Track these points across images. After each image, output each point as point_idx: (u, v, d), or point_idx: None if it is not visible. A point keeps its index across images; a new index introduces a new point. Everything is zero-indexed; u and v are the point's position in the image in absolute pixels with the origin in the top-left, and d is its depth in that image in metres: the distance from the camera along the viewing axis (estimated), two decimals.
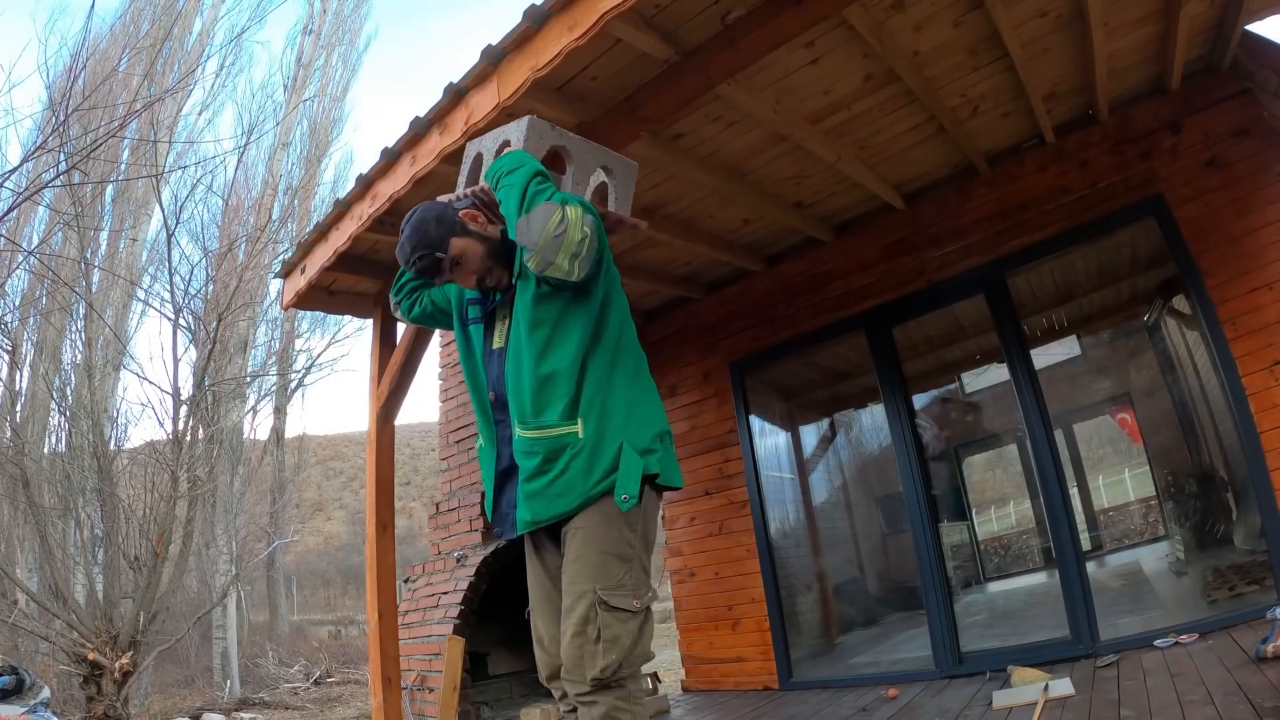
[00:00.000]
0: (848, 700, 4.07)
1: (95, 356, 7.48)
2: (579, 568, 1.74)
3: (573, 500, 1.75)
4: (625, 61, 2.94)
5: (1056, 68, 3.67)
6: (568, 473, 1.75)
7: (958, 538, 9.60)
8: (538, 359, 1.79)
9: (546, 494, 1.76)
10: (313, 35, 17.39)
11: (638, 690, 1.77)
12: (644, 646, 1.76)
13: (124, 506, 6.75)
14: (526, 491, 1.79)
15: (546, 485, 1.76)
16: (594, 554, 1.73)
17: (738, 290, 5.52)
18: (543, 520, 1.79)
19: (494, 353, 1.95)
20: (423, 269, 1.92)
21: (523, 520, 1.81)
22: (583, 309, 1.83)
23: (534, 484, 1.78)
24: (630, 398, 1.85)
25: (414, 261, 1.92)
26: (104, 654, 5.89)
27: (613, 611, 1.70)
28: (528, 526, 1.82)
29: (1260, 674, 2.67)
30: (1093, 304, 6.86)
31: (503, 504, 1.90)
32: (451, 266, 1.92)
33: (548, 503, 1.77)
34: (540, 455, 1.76)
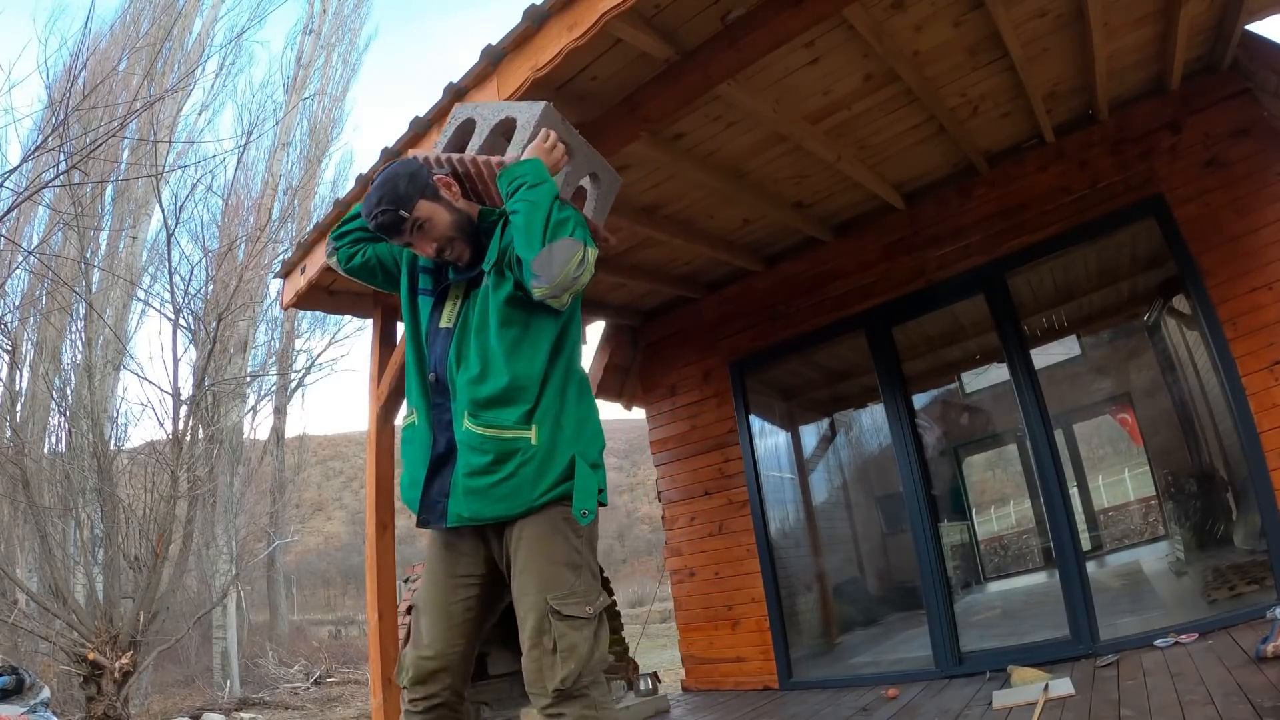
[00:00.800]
0: (848, 700, 4.07)
1: (95, 356, 7.48)
2: (527, 579, 1.70)
3: (517, 506, 1.70)
4: (625, 61, 2.94)
5: (1056, 68, 3.67)
6: (516, 477, 1.70)
7: (958, 538, 9.61)
8: (507, 359, 1.75)
9: (490, 494, 1.70)
10: (313, 35, 17.39)
11: (602, 696, 1.73)
12: (602, 652, 1.73)
13: (124, 506, 6.76)
14: (467, 487, 1.71)
15: (492, 485, 1.70)
16: (543, 564, 1.70)
17: (738, 290, 5.52)
18: (480, 519, 1.72)
19: (440, 331, 1.86)
20: (383, 224, 1.82)
21: (455, 514, 1.73)
22: (551, 320, 1.83)
23: (477, 481, 1.70)
24: (580, 413, 1.84)
25: (376, 215, 1.81)
26: (104, 654, 5.89)
27: (566, 620, 1.67)
28: (459, 521, 1.73)
29: (1260, 674, 2.67)
30: (1093, 304, 6.86)
31: (433, 491, 1.78)
32: (413, 229, 1.82)
33: (489, 503, 1.71)
34: (491, 454, 1.70)
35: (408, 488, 1.83)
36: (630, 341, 6.13)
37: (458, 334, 1.83)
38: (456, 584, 1.81)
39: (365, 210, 1.85)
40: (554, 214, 1.72)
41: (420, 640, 1.78)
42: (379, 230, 1.85)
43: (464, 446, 1.73)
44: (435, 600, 1.81)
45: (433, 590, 1.82)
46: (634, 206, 4.25)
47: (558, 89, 3.04)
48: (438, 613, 1.79)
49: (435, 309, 1.90)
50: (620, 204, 4.19)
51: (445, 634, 1.78)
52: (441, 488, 1.77)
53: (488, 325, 1.78)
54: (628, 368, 6.15)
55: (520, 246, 1.71)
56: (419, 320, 1.92)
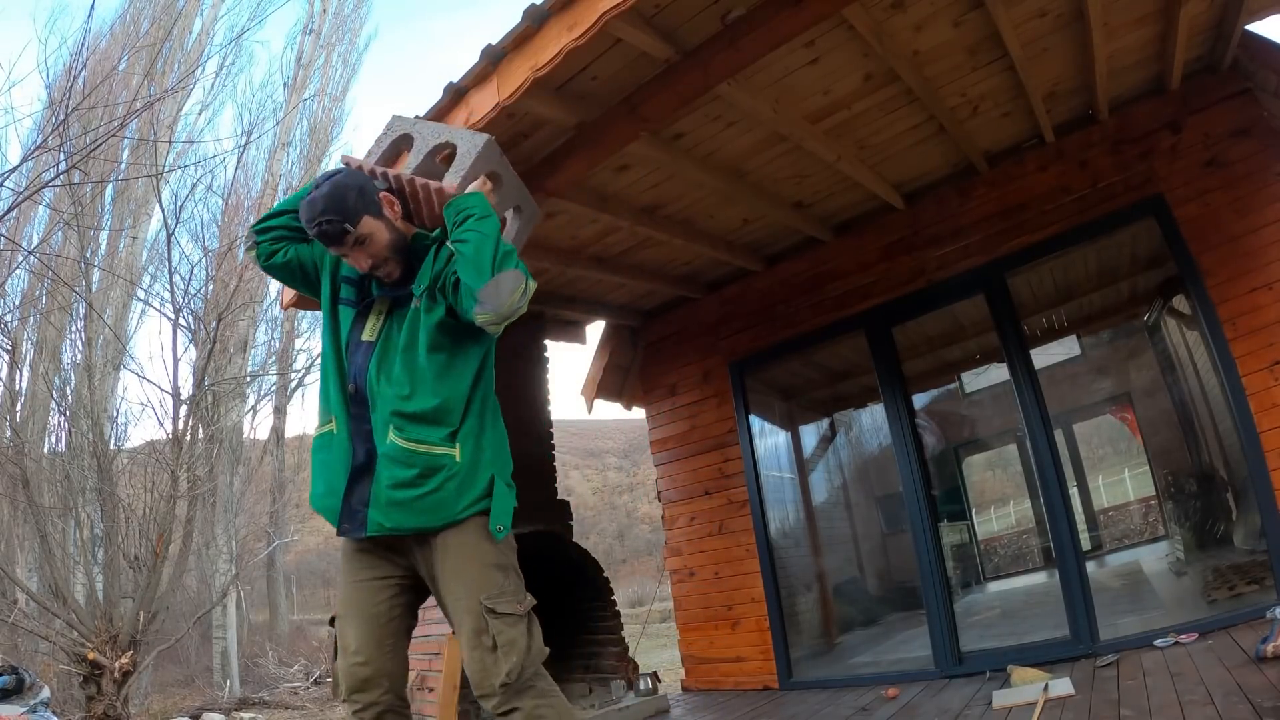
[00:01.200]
0: (847, 700, 4.07)
1: (95, 356, 7.49)
2: (459, 584, 1.78)
3: (439, 519, 1.78)
4: (625, 61, 2.94)
5: (1056, 67, 3.67)
6: (441, 492, 1.77)
7: (958, 537, 9.61)
8: (436, 381, 1.83)
9: (414, 507, 1.77)
10: (313, 35, 17.38)
11: (548, 686, 1.82)
12: (539, 645, 1.83)
13: (124, 506, 6.75)
14: (390, 498, 1.76)
15: (416, 499, 1.76)
16: (473, 568, 1.79)
17: (738, 290, 5.52)
18: (402, 530, 1.78)
19: (361, 344, 1.90)
20: (325, 233, 1.83)
21: (377, 523, 1.77)
22: (476, 347, 1.92)
23: (401, 494, 1.76)
24: (496, 435, 1.95)
25: (320, 223, 1.82)
26: (104, 654, 5.89)
27: (501, 617, 1.75)
28: (381, 531, 1.78)
29: (1260, 674, 2.67)
30: (1093, 304, 6.86)
31: (353, 500, 1.81)
32: (353, 243, 1.86)
33: (413, 515, 1.77)
34: (417, 469, 1.77)
35: (323, 496, 1.84)
36: (630, 341, 6.13)
37: (380, 348, 1.87)
38: (379, 587, 1.84)
39: (307, 215, 1.85)
40: (500, 246, 1.80)
41: (349, 648, 1.80)
42: (319, 238, 1.85)
43: (387, 459, 1.78)
44: (359, 606, 1.83)
45: (356, 596, 1.84)
46: (634, 206, 4.25)
47: (557, 89, 3.04)
48: (363, 618, 1.82)
49: (358, 321, 1.94)
50: (620, 204, 4.20)
51: (374, 638, 1.81)
52: (361, 497, 1.79)
53: (416, 346, 1.84)
54: (628, 368, 6.15)
55: (468, 275, 1.76)
56: (339, 330, 1.94)
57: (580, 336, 6.18)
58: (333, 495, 1.82)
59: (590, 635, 5.17)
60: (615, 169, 3.86)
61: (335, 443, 1.84)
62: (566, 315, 5.81)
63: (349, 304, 1.96)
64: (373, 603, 1.84)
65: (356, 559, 1.86)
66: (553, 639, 5.81)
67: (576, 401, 6.49)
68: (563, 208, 4.07)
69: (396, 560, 1.86)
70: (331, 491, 1.82)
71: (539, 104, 3.03)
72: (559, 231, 4.43)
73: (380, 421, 1.81)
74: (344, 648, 1.82)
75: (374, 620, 1.83)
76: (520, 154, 3.53)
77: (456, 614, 1.79)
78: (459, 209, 1.85)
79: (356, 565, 1.86)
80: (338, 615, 1.85)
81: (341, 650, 1.82)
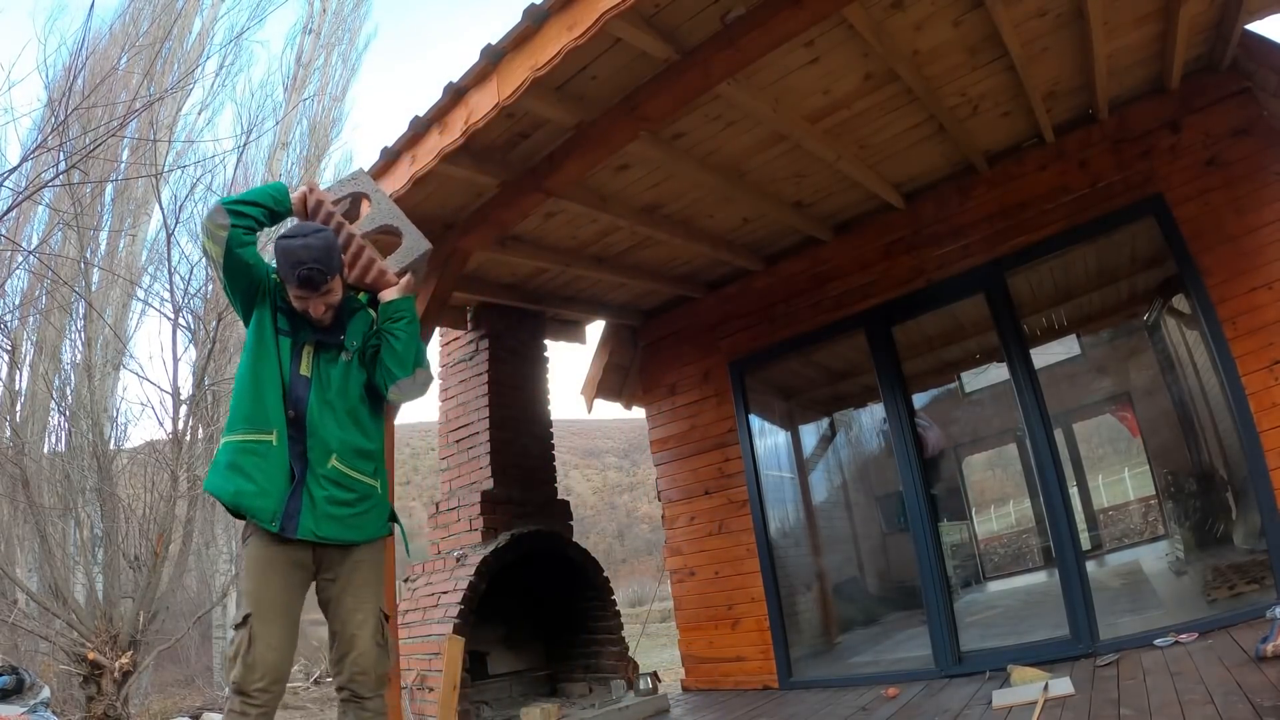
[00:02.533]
0: (847, 699, 4.07)
1: (95, 356, 7.48)
2: (368, 592, 2.16)
3: (362, 536, 2.17)
4: (625, 61, 2.94)
5: (1056, 67, 3.67)
6: (367, 515, 2.18)
7: (957, 537, 9.60)
8: (371, 425, 2.25)
9: (346, 523, 2.12)
10: (312, 35, 17.36)
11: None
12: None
13: (124, 506, 6.75)
14: (326, 513, 2.08)
15: (349, 517, 2.13)
16: (378, 581, 2.21)
17: (737, 289, 5.52)
18: (328, 539, 2.09)
19: (300, 377, 2.15)
20: (309, 278, 2.05)
21: (310, 530, 2.06)
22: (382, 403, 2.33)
23: (338, 510, 2.10)
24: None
25: (311, 268, 2.04)
26: (104, 654, 5.89)
27: (387, 622, 2.21)
28: (313, 537, 2.06)
29: (1260, 673, 2.67)
30: (1092, 303, 6.85)
31: (288, 507, 2.05)
32: (323, 293, 2.11)
33: (343, 529, 2.11)
34: (356, 494, 2.15)
35: (255, 495, 2.04)
36: (630, 341, 6.13)
37: (318, 387, 2.16)
38: (295, 585, 2.10)
39: (301, 257, 2.05)
40: (421, 348, 2.27)
41: (270, 641, 2.01)
42: (302, 279, 2.05)
43: (327, 481, 2.10)
44: (280, 602, 2.06)
45: (276, 592, 2.06)
46: (634, 206, 4.26)
47: (557, 88, 3.04)
48: (284, 614, 2.06)
49: (294, 353, 2.17)
50: (620, 203, 4.20)
51: (289, 633, 2.08)
52: (295, 507, 2.06)
53: (350, 394, 2.20)
54: (627, 367, 6.15)
55: (394, 365, 2.20)
56: (279, 354, 2.15)
57: (580, 336, 6.18)
58: (267, 497, 2.04)
59: (590, 635, 5.17)
60: (615, 168, 3.86)
61: (274, 454, 2.07)
62: (566, 315, 5.82)
63: (284, 334, 2.17)
64: (294, 604, 2.11)
65: (281, 559, 2.07)
66: (553, 638, 5.81)
67: (576, 401, 6.49)
68: (562, 207, 4.07)
69: (308, 565, 2.12)
70: (265, 493, 2.04)
71: (539, 103, 3.03)
72: (559, 231, 4.43)
73: (319, 448, 2.11)
74: (265, 641, 2.00)
75: (290, 616, 2.08)
76: (520, 154, 3.54)
77: (362, 614, 2.13)
78: (397, 310, 2.24)
79: (281, 566, 2.07)
80: (255, 614, 2.02)
81: (263, 643, 2.00)
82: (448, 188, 3.65)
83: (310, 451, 2.10)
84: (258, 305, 2.18)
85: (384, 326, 2.23)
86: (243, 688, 1.96)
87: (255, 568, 2.07)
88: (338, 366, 2.19)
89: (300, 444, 2.10)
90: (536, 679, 5.21)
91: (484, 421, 5.13)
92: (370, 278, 2.26)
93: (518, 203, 3.66)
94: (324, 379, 2.17)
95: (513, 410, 5.29)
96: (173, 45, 9.55)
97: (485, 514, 4.76)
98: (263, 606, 2.02)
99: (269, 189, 2.24)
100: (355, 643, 2.10)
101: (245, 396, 2.11)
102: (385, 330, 2.22)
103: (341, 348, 2.21)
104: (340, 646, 2.12)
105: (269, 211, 2.18)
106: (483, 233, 3.88)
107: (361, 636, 2.11)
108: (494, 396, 5.19)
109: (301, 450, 2.10)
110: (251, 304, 2.18)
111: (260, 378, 2.11)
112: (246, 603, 2.04)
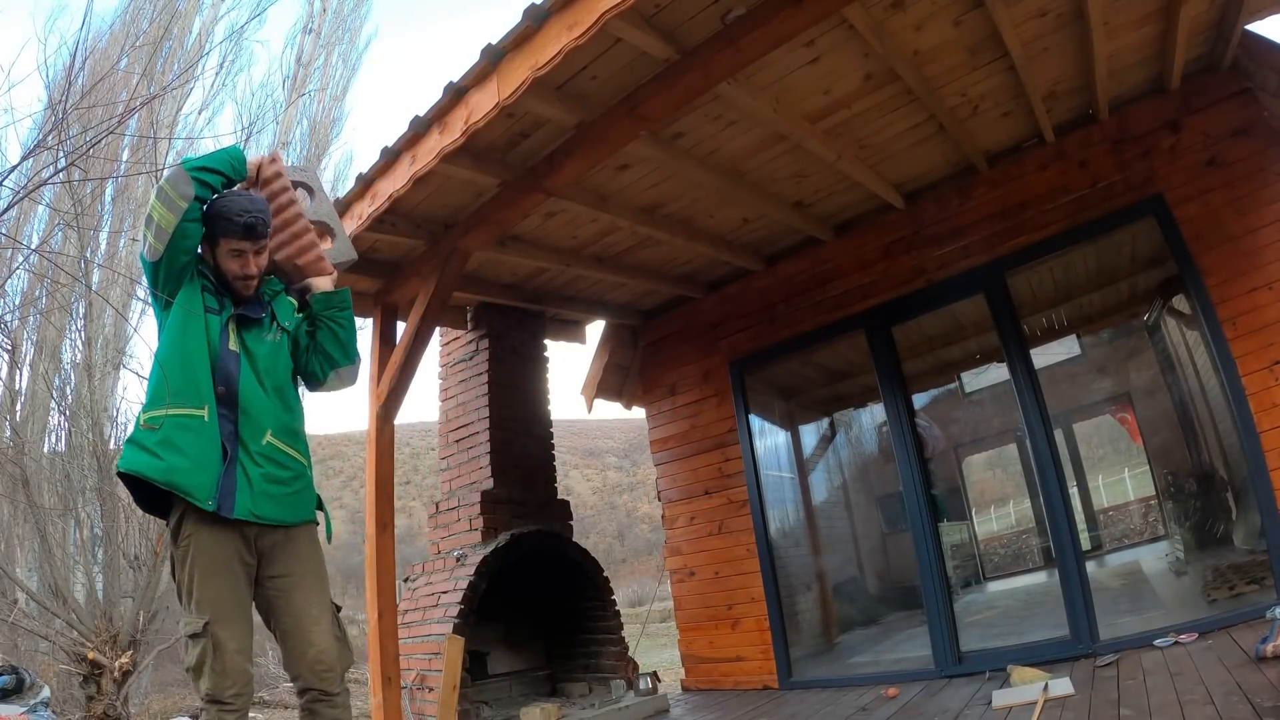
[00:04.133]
0: (847, 700, 4.07)
1: (95, 356, 7.47)
2: (318, 580, 2.11)
3: (298, 516, 2.10)
4: (625, 61, 2.94)
5: (1056, 67, 3.67)
6: (302, 494, 2.12)
7: (957, 537, 9.60)
8: (297, 403, 2.22)
9: (284, 502, 2.05)
10: (313, 34, 17.34)
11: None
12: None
13: (124, 506, 6.74)
14: (264, 491, 2.01)
15: (285, 496, 2.06)
16: (323, 573, 2.15)
17: (737, 289, 5.52)
18: (265, 519, 2.01)
19: (230, 352, 2.08)
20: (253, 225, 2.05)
21: (248, 509, 1.97)
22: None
23: (275, 489, 2.03)
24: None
25: (258, 216, 2.07)
26: (104, 653, 5.89)
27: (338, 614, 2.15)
28: (250, 516, 1.98)
29: (1260, 673, 2.67)
30: (1092, 303, 6.86)
31: (223, 485, 1.95)
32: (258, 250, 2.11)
33: (280, 509, 2.04)
34: (291, 471, 2.09)
35: (190, 471, 1.91)
36: (630, 341, 6.13)
37: (247, 364, 2.10)
38: (243, 580, 2.01)
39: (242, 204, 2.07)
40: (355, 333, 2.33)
41: (235, 645, 1.93)
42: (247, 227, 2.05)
43: (262, 458, 2.03)
44: (233, 601, 1.96)
45: (229, 591, 1.96)
46: (634, 206, 4.25)
47: (557, 88, 3.04)
48: (241, 612, 1.98)
49: (222, 329, 2.10)
50: (620, 203, 4.20)
51: (249, 630, 2.00)
52: (230, 484, 1.97)
53: (278, 372, 2.16)
54: (627, 367, 6.15)
55: (337, 353, 2.25)
56: (206, 329, 2.05)
57: (580, 336, 6.18)
58: (202, 472, 1.93)
59: (590, 635, 5.17)
60: (615, 168, 3.86)
61: (205, 429, 1.96)
62: (566, 314, 5.81)
63: (213, 312, 2.09)
64: (246, 599, 2.02)
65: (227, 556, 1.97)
66: (553, 638, 5.81)
67: (576, 401, 6.49)
68: (562, 207, 4.07)
69: (249, 561, 2.02)
70: (200, 468, 1.93)
71: (539, 103, 3.03)
72: (559, 231, 4.43)
73: (252, 425, 2.04)
74: (234, 647, 1.92)
75: (249, 616, 2.01)
76: (520, 153, 3.54)
77: (317, 608, 2.06)
78: (342, 299, 2.29)
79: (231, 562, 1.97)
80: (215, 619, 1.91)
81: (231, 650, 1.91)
82: (448, 187, 3.65)
83: (243, 429, 2.02)
84: (186, 281, 2.06)
85: (327, 314, 2.25)
86: (217, 696, 1.89)
87: (203, 568, 1.94)
88: (265, 344, 2.15)
89: (231, 421, 2.01)
90: (536, 679, 5.21)
91: (484, 421, 5.14)
92: (308, 258, 2.27)
93: (518, 202, 3.66)
94: (252, 355, 2.11)
95: (513, 410, 5.29)
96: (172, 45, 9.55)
97: (485, 514, 4.76)
98: (221, 610, 1.92)
99: (229, 155, 2.14)
100: (314, 639, 2.03)
101: (173, 371, 1.98)
102: (328, 318, 2.24)
103: (264, 325, 2.16)
104: (297, 646, 2.03)
105: (226, 180, 2.10)
106: (483, 232, 3.88)
107: (319, 632, 2.04)
108: (494, 396, 5.19)
109: (233, 428, 2.01)
110: (181, 280, 2.05)
111: (188, 352, 2.00)
112: (202, 608, 1.91)
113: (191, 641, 1.91)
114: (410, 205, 3.75)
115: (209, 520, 1.94)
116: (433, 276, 4.00)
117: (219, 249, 2.09)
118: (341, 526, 30.65)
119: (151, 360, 2.08)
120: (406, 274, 4.26)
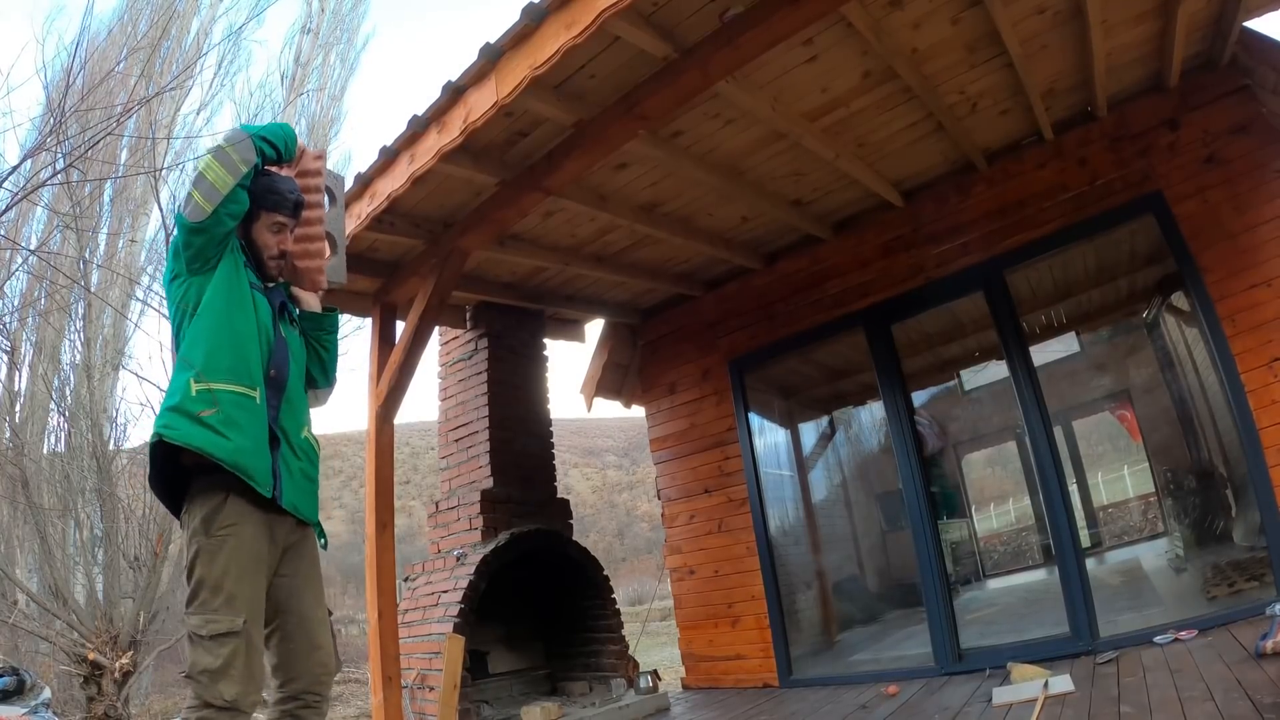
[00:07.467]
0: (848, 698, 4.08)
1: (94, 356, 7.47)
2: (316, 585, 2.06)
3: (314, 516, 2.05)
4: (623, 59, 2.94)
5: (1055, 65, 3.67)
6: (316, 494, 2.07)
7: (957, 535, 9.61)
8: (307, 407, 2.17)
9: (311, 498, 2.02)
10: (311, 34, 17.33)
11: None
12: None
13: (123, 506, 6.75)
14: (300, 484, 1.97)
15: (313, 492, 2.04)
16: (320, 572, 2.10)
17: (737, 288, 5.52)
18: (300, 515, 1.97)
19: (280, 336, 2.03)
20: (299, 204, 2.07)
21: (290, 500, 1.92)
22: None
23: (308, 485, 2.01)
24: None
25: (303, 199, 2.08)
26: (104, 654, 5.90)
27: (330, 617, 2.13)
28: (292, 509, 1.93)
29: (1260, 670, 2.67)
30: (1092, 301, 6.86)
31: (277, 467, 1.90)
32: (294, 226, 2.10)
33: (310, 504, 2.01)
34: (316, 468, 2.07)
35: (252, 453, 1.82)
36: (629, 340, 6.13)
37: (294, 350, 2.08)
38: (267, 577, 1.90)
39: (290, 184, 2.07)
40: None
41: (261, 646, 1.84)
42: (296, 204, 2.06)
43: (301, 452, 2.00)
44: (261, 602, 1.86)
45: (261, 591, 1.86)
46: (632, 204, 4.25)
47: (555, 87, 3.04)
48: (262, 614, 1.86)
49: (273, 313, 2.04)
50: (619, 202, 4.20)
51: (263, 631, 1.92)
52: (277, 469, 1.90)
53: (303, 363, 2.14)
54: (627, 366, 6.15)
55: (319, 374, 2.22)
56: (259, 309, 1.98)
57: (579, 335, 6.18)
58: (261, 456, 1.85)
59: (590, 633, 5.17)
60: (614, 167, 3.86)
61: (259, 413, 1.88)
62: (566, 313, 5.82)
63: (259, 290, 2.02)
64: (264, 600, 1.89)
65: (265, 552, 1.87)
66: (553, 637, 5.82)
67: (576, 400, 6.50)
68: (561, 206, 4.07)
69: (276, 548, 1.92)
70: (259, 453, 1.85)
71: (537, 102, 3.03)
72: (558, 230, 4.43)
73: (295, 416, 2.00)
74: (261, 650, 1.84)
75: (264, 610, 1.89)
76: (519, 152, 3.54)
77: (320, 610, 2.03)
78: (332, 322, 2.26)
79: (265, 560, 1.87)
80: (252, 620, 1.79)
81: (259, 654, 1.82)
82: (447, 187, 3.65)
83: (285, 417, 1.96)
84: (230, 252, 1.95)
85: (316, 335, 2.20)
86: (240, 705, 1.72)
87: (242, 563, 1.79)
88: (295, 334, 2.11)
89: (275, 408, 1.94)
90: (536, 678, 5.22)
91: (484, 420, 5.14)
92: (310, 264, 2.19)
93: (516, 201, 3.66)
94: (293, 348, 2.06)
95: (512, 409, 5.29)
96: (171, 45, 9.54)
97: (485, 513, 4.77)
98: (256, 610, 1.81)
99: (284, 132, 2.07)
100: (318, 640, 1.97)
101: (223, 346, 1.85)
102: (315, 340, 2.20)
103: (293, 314, 2.14)
104: (302, 646, 1.93)
105: (278, 156, 2.04)
106: (482, 232, 3.87)
107: (323, 634, 2.01)
108: (494, 395, 5.19)
109: (275, 415, 1.93)
110: (221, 251, 1.93)
111: (238, 329, 1.89)
112: (238, 606, 1.75)
113: (216, 642, 1.71)
114: (409, 205, 3.75)
115: (253, 511, 1.83)
116: (432, 276, 4.00)
117: (258, 223, 2.02)
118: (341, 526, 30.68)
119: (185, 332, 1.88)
120: (405, 273, 4.26)
